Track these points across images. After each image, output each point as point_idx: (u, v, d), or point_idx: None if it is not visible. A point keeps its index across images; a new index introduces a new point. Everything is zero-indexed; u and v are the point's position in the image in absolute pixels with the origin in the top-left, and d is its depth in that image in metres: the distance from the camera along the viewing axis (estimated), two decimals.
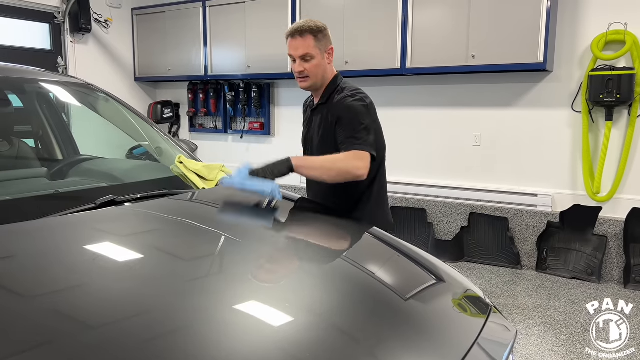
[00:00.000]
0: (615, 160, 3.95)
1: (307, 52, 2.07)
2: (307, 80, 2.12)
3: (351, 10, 4.53)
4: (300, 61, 2.09)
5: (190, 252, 1.46)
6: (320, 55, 2.10)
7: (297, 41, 2.08)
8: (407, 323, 1.30)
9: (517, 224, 4.31)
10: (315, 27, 2.08)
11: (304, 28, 2.07)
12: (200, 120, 6.08)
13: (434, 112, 4.62)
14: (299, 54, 2.08)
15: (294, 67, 2.12)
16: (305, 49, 2.07)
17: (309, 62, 2.09)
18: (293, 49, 2.10)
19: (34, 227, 1.41)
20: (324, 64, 2.12)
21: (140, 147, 2.39)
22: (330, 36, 2.14)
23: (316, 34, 2.07)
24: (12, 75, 2.18)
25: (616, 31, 3.77)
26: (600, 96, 3.79)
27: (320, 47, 2.09)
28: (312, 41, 2.07)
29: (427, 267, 1.70)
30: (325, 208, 2.17)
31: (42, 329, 1.00)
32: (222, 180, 1.92)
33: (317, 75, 2.11)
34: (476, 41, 4.01)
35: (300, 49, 2.08)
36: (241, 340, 1.07)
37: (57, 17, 5.45)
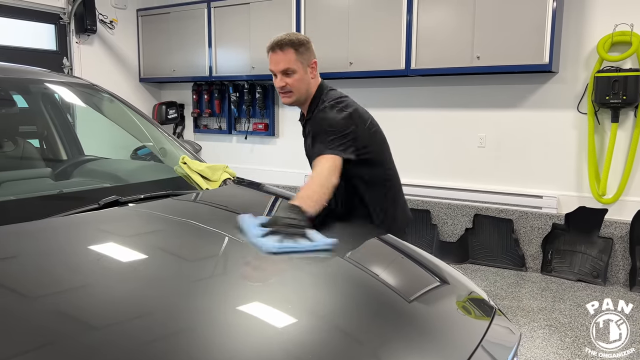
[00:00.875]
0: (621, 162, 3.93)
1: (288, 67, 1.99)
2: (291, 96, 2.05)
3: (356, 11, 4.52)
4: (282, 76, 2.01)
5: (193, 253, 1.46)
6: (303, 69, 2.02)
7: (277, 55, 2.00)
8: (410, 325, 1.29)
9: (522, 225, 4.29)
10: (296, 40, 2.00)
11: (284, 41, 1.99)
12: (205, 121, 6.09)
13: (438, 113, 4.61)
14: (280, 69, 2.00)
15: (276, 82, 2.04)
16: (286, 64, 1.99)
17: (290, 77, 2.01)
18: (274, 63, 2.02)
19: (38, 227, 1.41)
20: (307, 78, 2.05)
21: (144, 147, 2.39)
22: (313, 49, 2.07)
23: (297, 47, 2.00)
24: (18, 76, 2.19)
25: (622, 32, 3.74)
26: (606, 97, 3.77)
27: (302, 60, 2.01)
28: (292, 55, 1.99)
29: (430, 269, 1.69)
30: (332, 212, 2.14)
31: (46, 329, 1.00)
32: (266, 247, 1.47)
33: (300, 89, 2.04)
34: (481, 42, 4.00)
35: (281, 64, 2.00)
36: (244, 341, 1.07)
37: (62, 18, 5.47)
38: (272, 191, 2.16)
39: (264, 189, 2.18)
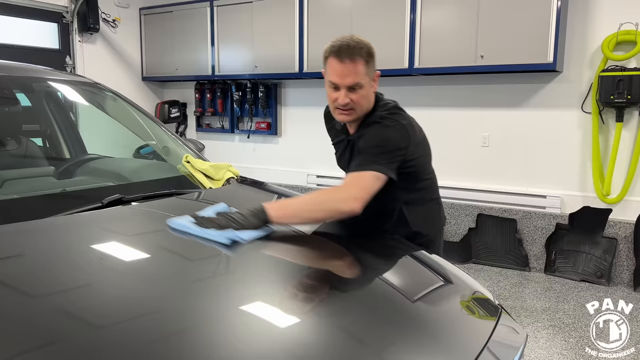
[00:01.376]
0: (626, 161, 3.91)
1: (357, 81, 1.67)
2: (352, 114, 1.73)
3: (359, 10, 4.51)
4: (347, 91, 1.68)
5: (196, 253, 1.45)
6: (369, 83, 1.73)
7: (346, 66, 1.65)
8: (414, 325, 1.28)
9: (526, 225, 4.27)
10: (367, 49, 1.69)
11: (356, 50, 1.66)
12: (207, 120, 6.09)
13: (441, 113, 4.60)
14: (347, 83, 1.67)
15: (336, 96, 1.70)
16: (355, 77, 1.67)
17: (356, 93, 1.69)
18: (339, 75, 1.67)
19: (41, 226, 1.40)
20: (370, 93, 1.75)
21: (147, 146, 2.39)
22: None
23: (367, 59, 1.69)
24: (21, 74, 2.18)
25: (627, 31, 3.72)
26: (610, 97, 3.75)
27: (369, 73, 1.72)
28: (362, 67, 1.67)
29: (434, 269, 1.68)
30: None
31: (49, 328, 1.00)
32: (169, 220, 1.50)
33: (363, 106, 1.74)
34: (485, 41, 3.98)
35: (349, 77, 1.66)
36: (247, 341, 1.06)
37: (65, 16, 5.47)
38: (275, 190, 2.15)
39: (267, 188, 2.17)
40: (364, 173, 1.64)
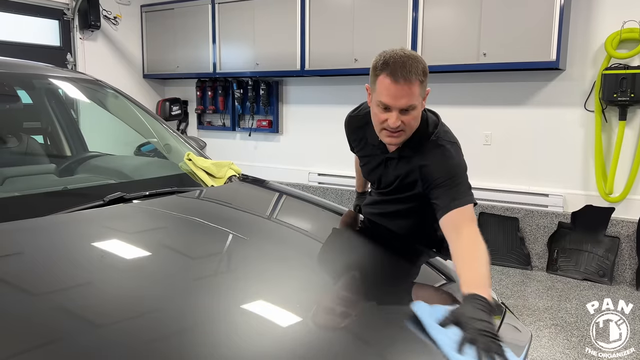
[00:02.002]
0: (629, 160, 3.89)
1: (412, 104, 1.54)
2: (401, 136, 1.61)
3: (361, 8, 4.49)
4: (399, 114, 1.55)
5: (198, 251, 1.45)
6: (421, 104, 1.59)
7: (401, 88, 1.51)
8: (418, 325, 1.27)
9: (528, 224, 4.26)
10: (423, 68, 1.54)
11: (412, 70, 1.51)
12: (209, 117, 6.07)
13: (444, 111, 4.51)
14: (401, 106, 1.53)
15: (385, 118, 1.57)
16: (410, 100, 1.53)
17: (409, 114, 1.56)
18: (392, 97, 1.52)
19: (42, 223, 1.40)
20: (420, 113, 1.63)
21: (148, 144, 2.38)
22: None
23: (423, 78, 1.54)
24: (22, 71, 2.18)
25: (631, 29, 3.71)
26: (613, 95, 3.73)
27: (423, 93, 1.58)
28: (418, 88, 1.53)
29: (437, 267, 1.68)
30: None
31: (51, 326, 0.99)
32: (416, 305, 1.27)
33: (413, 128, 1.62)
34: (487, 39, 3.97)
35: (403, 99, 1.52)
36: (250, 340, 1.06)
37: (66, 13, 5.46)
38: (277, 188, 2.14)
39: (269, 186, 2.17)
40: (470, 207, 1.59)
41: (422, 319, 1.20)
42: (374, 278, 1.53)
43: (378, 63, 1.57)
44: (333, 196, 5.00)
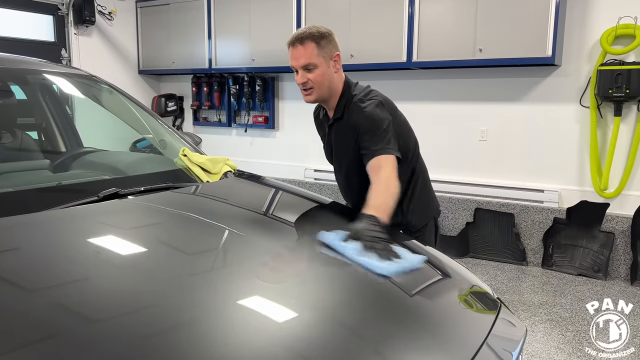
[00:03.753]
0: (624, 156, 3.91)
1: (310, 62, 1.87)
2: (312, 93, 1.93)
3: (357, 3, 4.49)
4: (303, 71, 1.90)
5: (194, 246, 1.44)
6: (325, 63, 1.90)
7: (297, 50, 1.89)
8: (413, 319, 1.28)
9: (523, 219, 4.27)
10: (317, 33, 1.88)
11: (304, 35, 1.88)
12: (204, 113, 6.06)
13: (440, 107, 4.58)
14: (301, 64, 1.89)
15: (297, 78, 1.93)
16: (308, 58, 1.87)
17: (312, 72, 1.89)
18: (294, 58, 1.91)
19: (36, 219, 1.39)
20: (330, 73, 1.92)
21: (144, 139, 2.37)
22: (336, 41, 1.94)
23: (319, 41, 1.88)
24: (15, 67, 2.16)
25: (626, 25, 3.71)
26: (609, 91, 3.74)
27: (324, 54, 1.89)
28: (314, 49, 1.87)
29: (432, 263, 1.67)
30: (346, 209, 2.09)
31: (46, 322, 0.99)
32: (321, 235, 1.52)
33: (323, 85, 1.91)
34: (483, 35, 3.97)
35: (301, 59, 1.88)
36: (246, 336, 1.06)
37: (60, 9, 5.43)
38: (272, 184, 2.14)
39: (265, 181, 2.16)
40: (388, 157, 1.81)
41: (328, 242, 1.47)
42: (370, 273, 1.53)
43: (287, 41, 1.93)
44: (329, 192, 5.00)
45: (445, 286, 1.57)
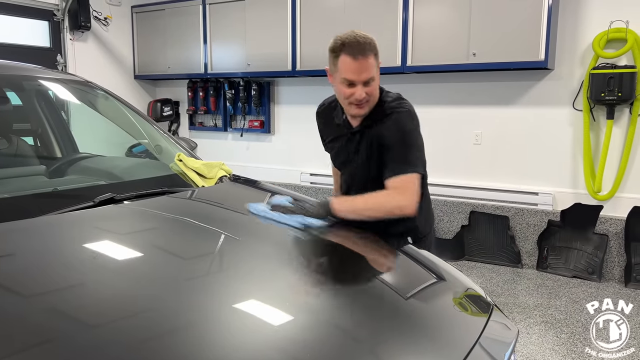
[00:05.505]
0: (617, 158, 3.94)
1: (372, 76, 1.72)
2: (365, 107, 1.78)
3: (351, 8, 4.51)
4: (363, 86, 1.73)
5: (189, 251, 1.45)
6: (378, 74, 1.78)
7: (360, 64, 1.69)
8: (407, 322, 1.29)
9: (518, 222, 4.30)
10: (374, 43, 1.74)
11: (366, 46, 1.70)
12: (200, 118, 6.07)
13: (434, 110, 4.61)
14: (364, 79, 1.71)
15: (351, 92, 1.73)
16: (370, 72, 1.71)
17: (369, 85, 1.74)
18: (355, 72, 1.70)
19: (32, 225, 1.40)
20: (378, 83, 1.81)
21: (139, 145, 2.38)
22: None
23: (377, 52, 1.74)
24: (11, 73, 2.17)
25: (618, 29, 3.75)
26: (601, 94, 3.78)
27: (378, 65, 1.77)
28: (374, 61, 1.73)
29: (427, 266, 1.69)
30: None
31: (41, 328, 0.99)
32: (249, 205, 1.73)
33: (375, 98, 1.80)
34: (477, 39, 4.00)
35: (364, 73, 1.70)
36: (241, 339, 1.06)
37: (56, 14, 5.43)
38: (268, 189, 2.15)
39: (260, 186, 2.17)
40: (413, 176, 1.74)
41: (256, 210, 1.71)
42: (364, 276, 1.54)
43: (336, 46, 1.74)
44: (325, 196, 5.01)
45: (440, 289, 1.58)
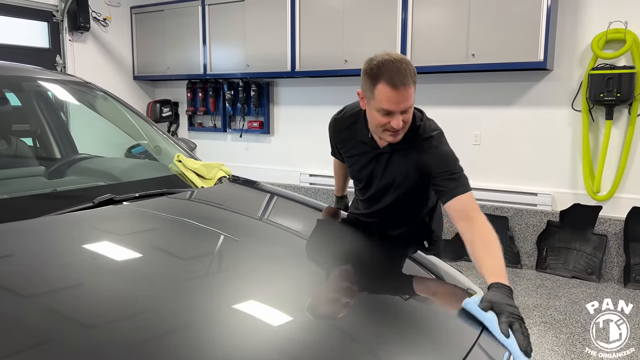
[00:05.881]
0: (615, 159, 3.95)
1: (411, 105, 1.65)
2: (402, 134, 1.72)
3: (351, 9, 4.51)
4: (400, 114, 1.64)
5: (188, 252, 1.45)
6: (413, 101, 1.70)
7: (401, 94, 1.59)
8: (407, 322, 1.29)
9: (517, 223, 4.30)
10: (414, 71, 1.64)
11: (408, 75, 1.59)
12: (199, 119, 6.07)
13: (433, 111, 4.54)
14: (403, 109, 1.63)
15: (387, 121, 1.65)
16: (409, 102, 1.63)
17: (407, 113, 1.66)
18: (393, 102, 1.60)
19: (31, 226, 1.40)
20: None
21: (139, 146, 2.38)
22: None
23: (415, 80, 1.63)
24: (10, 74, 2.17)
25: (616, 30, 3.76)
26: (600, 95, 3.78)
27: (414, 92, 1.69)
28: (413, 90, 1.63)
29: (426, 266, 1.69)
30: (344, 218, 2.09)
31: (40, 328, 0.99)
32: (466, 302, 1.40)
33: (410, 124, 1.73)
34: (476, 40, 4.00)
35: (403, 103, 1.61)
36: (240, 340, 1.06)
37: (55, 15, 5.43)
38: (267, 189, 2.15)
39: (260, 187, 2.17)
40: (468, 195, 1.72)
41: (472, 310, 1.33)
42: (364, 276, 1.55)
43: (373, 71, 1.62)
44: (324, 197, 5.01)
45: (439, 290, 1.59)
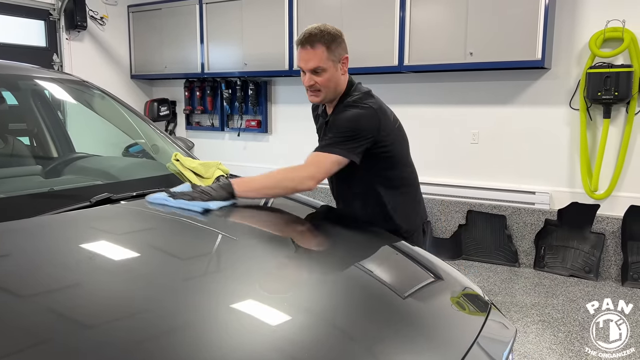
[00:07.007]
0: (613, 157, 3.95)
1: (319, 65, 1.83)
2: (319, 95, 1.90)
3: (349, 7, 4.51)
4: (311, 74, 1.85)
5: (186, 251, 1.45)
6: (334, 67, 1.86)
7: (307, 52, 1.83)
8: (405, 321, 1.29)
9: (515, 221, 4.30)
10: (328, 36, 1.82)
11: (315, 37, 1.81)
12: (197, 118, 6.06)
13: (431, 110, 4.61)
14: (310, 67, 1.84)
15: (304, 79, 1.89)
16: (317, 62, 1.83)
17: (320, 76, 1.85)
18: (303, 60, 1.85)
19: (28, 225, 1.39)
20: (337, 76, 1.89)
21: (136, 144, 2.37)
22: (345, 43, 1.91)
23: (329, 44, 1.82)
24: (7, 72, 2.16)
25: (614, 28, 3.76)
26: (598, 93, 3.79)
27: (333, 58, 1.85)
28: (324, 52, 1.82)
29: (425, 265, 1.69)
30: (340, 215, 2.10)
31: (38, 328, 0.99)
32: (147, 197, 1.65)
33: (329, 88, 1.89)
34: (474, 38, 4.00)
35: (310, 62, 1.83)
36: (238, 339, 1.06)
37: (52, 14, 5.41)
38: None
39: None
40: (326, 155, 1.82)
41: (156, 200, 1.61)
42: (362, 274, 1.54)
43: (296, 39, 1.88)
44: (322, 196, 5.00)
45: (437, 288, 1.58)
